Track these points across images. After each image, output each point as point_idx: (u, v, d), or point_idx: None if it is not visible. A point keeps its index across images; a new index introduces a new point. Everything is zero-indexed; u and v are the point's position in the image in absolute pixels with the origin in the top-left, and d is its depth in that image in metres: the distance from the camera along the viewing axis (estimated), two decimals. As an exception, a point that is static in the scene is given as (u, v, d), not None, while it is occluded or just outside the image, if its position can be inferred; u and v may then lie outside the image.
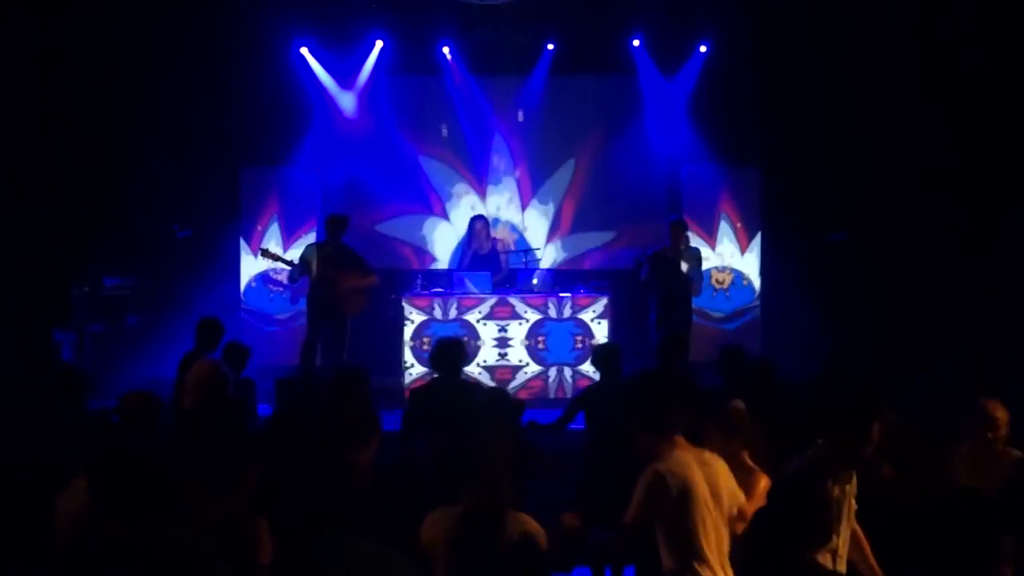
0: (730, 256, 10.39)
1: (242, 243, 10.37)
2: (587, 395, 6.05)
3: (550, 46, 10.40)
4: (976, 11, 9.26)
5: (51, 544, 3.56)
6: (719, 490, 3.66)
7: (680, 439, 3.71)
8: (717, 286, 10.34)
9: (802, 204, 10.17)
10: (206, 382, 4.93)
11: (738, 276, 10.37)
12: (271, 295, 10.33)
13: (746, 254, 10.38)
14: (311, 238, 9.96)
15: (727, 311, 10.34)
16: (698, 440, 3.93)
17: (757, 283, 10.35)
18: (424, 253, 10.77)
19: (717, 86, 10.22)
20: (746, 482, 3.96)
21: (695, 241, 9.66)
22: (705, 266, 9.42)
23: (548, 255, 10.62)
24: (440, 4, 10.06)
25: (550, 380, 8.77)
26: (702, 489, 3.60)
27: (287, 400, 6.08)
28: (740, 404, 4.23)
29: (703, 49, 10.27)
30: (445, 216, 10.79)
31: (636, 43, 10.34)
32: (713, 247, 10.35)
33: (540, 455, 5.28)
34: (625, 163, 10.57)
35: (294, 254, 9.31)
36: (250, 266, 10.33)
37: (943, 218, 9.71)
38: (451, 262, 10.54)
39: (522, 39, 10.35)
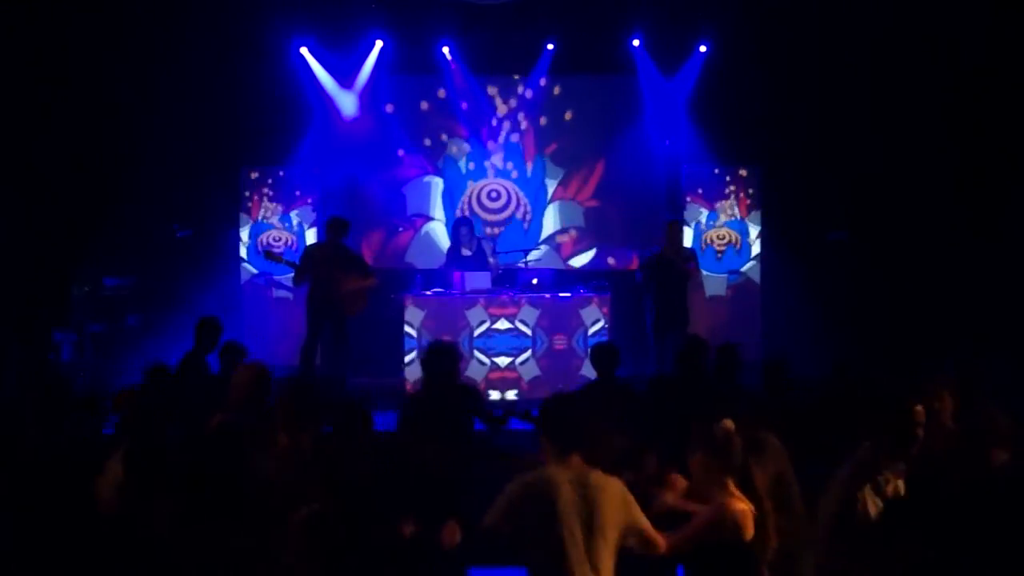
0: (728, 217, 10.43)
1: (242, 219, 10.43)
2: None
3: (550, 46, 10.40)
4: (976, 10, 9.25)
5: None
6: (596, 515, 3.55)
7: (575, 458, 3.64)
8: (719, 242, 10.34)
9: (802, 204, 10.17)
10: (250, 385, 5.09)
11: (743, 235, 10.39)
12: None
13: (747, 219, 10.41)
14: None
15: (722, 271, 10.36)
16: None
17: (756, 247, 10.37)
18: (418, 216, 10.81)
19: (717, 86, 10.22)
20: (714, 508, 3.70)
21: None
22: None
23: (549, 222, 10.78)
24: (440, 4, 10.06)
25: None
26: (566, 509, 3.53)
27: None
28: (729, 424, 3.83)
29: (703, 49, 10.27)
30: (438, 172, 10.85)
31: (636, 43, 10.34)
32: (713, 209, 10.41)
33: None
34: (625, 163, 10.58)
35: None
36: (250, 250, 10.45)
37: (943, 218, 9.70)
38: (446, 220, 10.64)
39: (522, 39, 10.35)
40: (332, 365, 8.81)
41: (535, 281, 9.13)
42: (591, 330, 8.76)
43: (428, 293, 8.95)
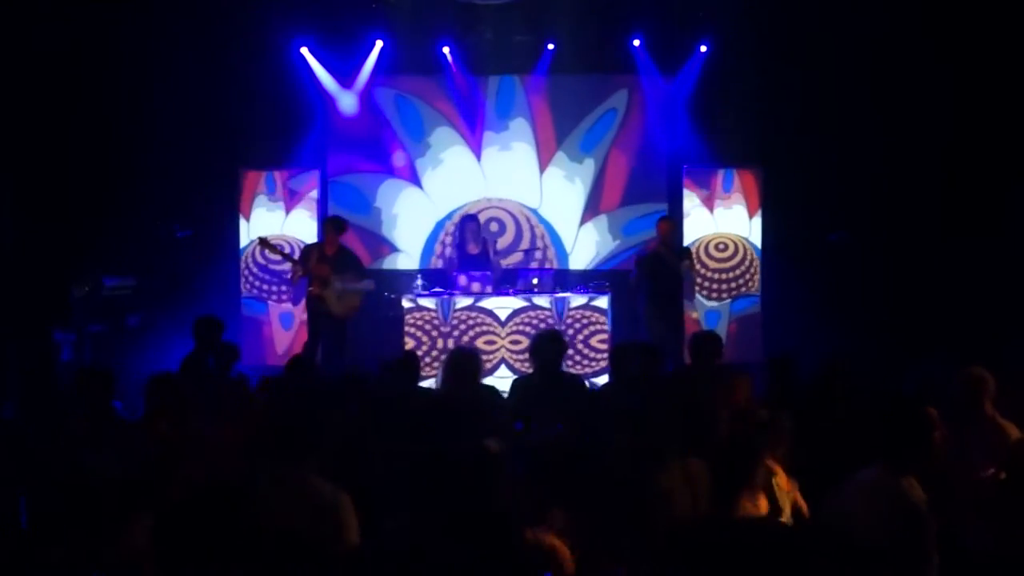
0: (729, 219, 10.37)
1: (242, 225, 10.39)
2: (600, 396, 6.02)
3: (550, 46, 10.39)
4: (977, 10, 9.24)
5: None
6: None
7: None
8: (719, 255, 10.25)
9: (802, 204, 10.16)
10: (463, 366, 5.38)
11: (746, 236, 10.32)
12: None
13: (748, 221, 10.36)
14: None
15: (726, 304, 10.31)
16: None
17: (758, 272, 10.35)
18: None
19: (717, 86, 10.22)
20: None
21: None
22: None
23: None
24: (440, 4, 10.06)
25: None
26: (267, 522, 3.26)
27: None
28: (494, 446, 3.53)
29: (703, 49, 10.26)
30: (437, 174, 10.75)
31: (636, 43, 10.33)
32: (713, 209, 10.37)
33: None
34: (625, 163, 10.57)
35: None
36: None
37: (944, 218, 9.69)
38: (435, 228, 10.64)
39: (522, 39, 10.35)
40: (332, 365, 8.80)
41: (536, 281, 9.12)
42: (592, 330, 8.76)
43: (427, 293, 8.95)
